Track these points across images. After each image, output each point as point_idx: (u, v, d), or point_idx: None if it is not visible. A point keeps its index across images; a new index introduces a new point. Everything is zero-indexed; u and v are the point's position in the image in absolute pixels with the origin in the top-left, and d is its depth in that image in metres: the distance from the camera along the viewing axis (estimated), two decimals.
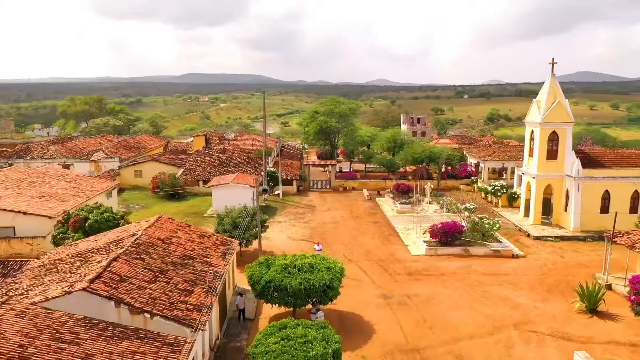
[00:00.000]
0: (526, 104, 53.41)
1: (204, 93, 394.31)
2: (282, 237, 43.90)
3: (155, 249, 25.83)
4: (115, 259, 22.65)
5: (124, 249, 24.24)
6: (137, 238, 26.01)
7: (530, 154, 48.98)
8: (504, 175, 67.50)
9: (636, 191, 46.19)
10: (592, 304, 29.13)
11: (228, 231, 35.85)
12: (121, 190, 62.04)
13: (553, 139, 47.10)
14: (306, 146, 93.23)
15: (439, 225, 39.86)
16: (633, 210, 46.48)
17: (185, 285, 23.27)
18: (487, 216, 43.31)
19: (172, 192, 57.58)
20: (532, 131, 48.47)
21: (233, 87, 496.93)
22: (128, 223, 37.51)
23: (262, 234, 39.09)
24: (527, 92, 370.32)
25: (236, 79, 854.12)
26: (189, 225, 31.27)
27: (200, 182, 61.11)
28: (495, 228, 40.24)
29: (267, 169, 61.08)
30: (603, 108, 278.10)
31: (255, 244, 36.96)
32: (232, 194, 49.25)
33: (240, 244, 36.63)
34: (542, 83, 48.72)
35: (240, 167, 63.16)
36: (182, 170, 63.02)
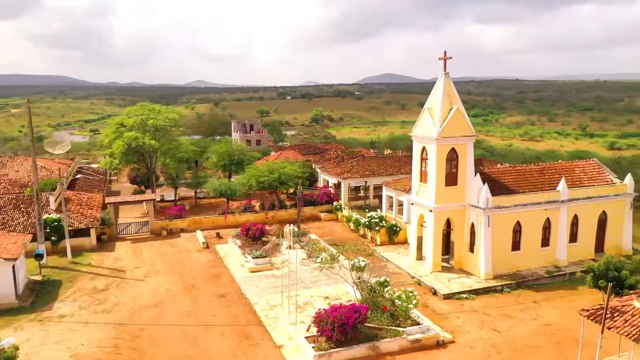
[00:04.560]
0: (343, 105, 41.61)
1: None
2: (58, 358, 24.88)
3: None
4: None
5: None
6: None
7: (423, 179, 36.88)
8: (366, 193, 55.86)
9: (547, 219, 36.86)
10: None
11: None
12: None
13: (452, 158, 35.56)
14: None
15: (330, 312, 24.92)
16: (545, 242, 37.27)
17: None
18: (387, 279, 29.45)
19: None
20: (424, 148, 36.41)
21: (31, 90, 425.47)
22: None
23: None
24: (345, 92, 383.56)
25: (35, 80, 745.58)
26: None
27: None
28: (412, 304, 26.53)
29: (46, 216, 40.20)
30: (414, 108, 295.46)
31: None
32: None
33: None
34: (355, 84, 37.65)
35: (3, 213, 41.28)
36: None
